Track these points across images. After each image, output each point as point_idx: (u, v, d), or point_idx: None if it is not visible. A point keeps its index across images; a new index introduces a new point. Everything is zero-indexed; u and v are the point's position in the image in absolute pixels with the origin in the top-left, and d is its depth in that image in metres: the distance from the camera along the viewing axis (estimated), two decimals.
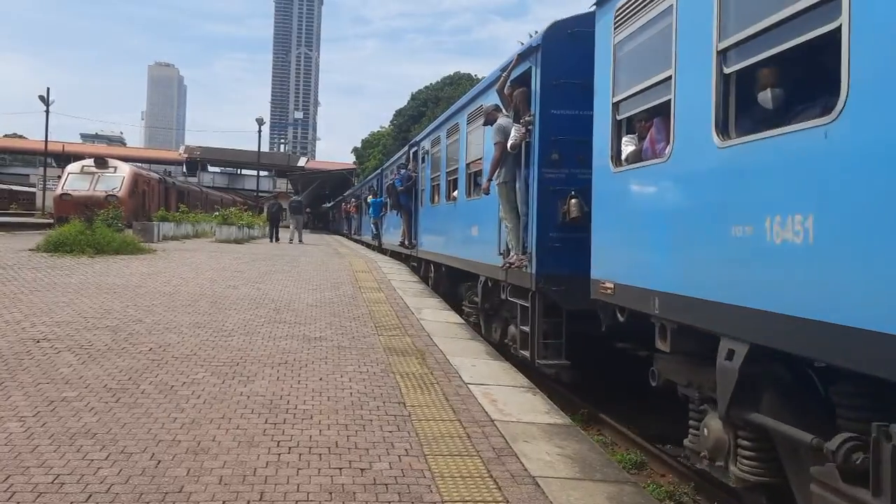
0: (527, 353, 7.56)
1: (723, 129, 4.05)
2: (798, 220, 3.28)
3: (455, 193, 11.66)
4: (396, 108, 79.33)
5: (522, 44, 8.68)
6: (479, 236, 9.79)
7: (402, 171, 17.60)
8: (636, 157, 5.36)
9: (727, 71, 4.02)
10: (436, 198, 13.80)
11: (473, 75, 69.45)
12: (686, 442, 4.82)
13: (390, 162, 23.59)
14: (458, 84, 68.09)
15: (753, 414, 3.87)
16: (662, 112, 4.95)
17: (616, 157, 5.65)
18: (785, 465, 3.87)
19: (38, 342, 6.41)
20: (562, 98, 7.21)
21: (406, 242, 17.08)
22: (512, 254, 7.85)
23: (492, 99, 8.83)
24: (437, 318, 9.66)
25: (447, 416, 4.94)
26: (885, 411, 3.02)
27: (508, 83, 8.07)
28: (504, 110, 8.27)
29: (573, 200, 7.03)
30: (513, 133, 7.58)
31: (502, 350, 8.55)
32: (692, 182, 4.49)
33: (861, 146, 2.95)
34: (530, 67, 7.65)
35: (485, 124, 8.69)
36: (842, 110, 3.04)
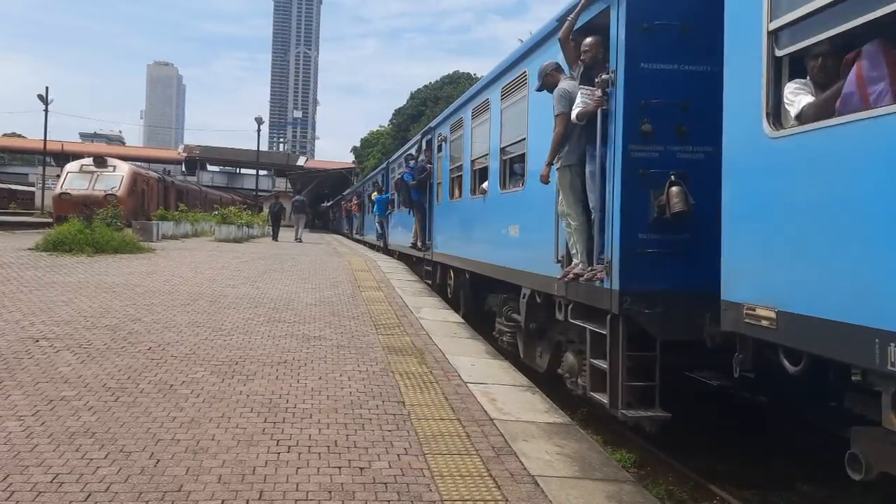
0: (601, 397, 5.56)
1: None
2: None
3: (485, 185, 9.69)
4: (396, 108, 79.37)
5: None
6: (522, 238, 7.87)
7: (414, 163, 15.49)
8: (818, 111, 3.58)
9: None
10: (456, 192, 11.79)
11: (473, 74, 69.45)
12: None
13: (398, 154, 21.31)
14: (457, 83, 68.08)
15: None
16: (888, 31, 3.23)
17: (774, 115, 3.82)
18: None
19: (37, 341, 6.41)
20: (656, 47, 5.25)
21: (418, 244, 15.14)
22: (576, 262, 5.95)
23: (537, 64, 6.85)
24: (436, 316, 9.66)
25: (446, 415, 4.94)
26: None
27: (573, 31, 6.04)
28: (567, 71, 6.30)
29: (674, 188, 5.07)
30: (579, 99, 5.66)
31: (550, 382, 7.20)
32: None
33: None
34: (607, 7, 5.62)
35: (540, 89, 6.54)
36: None
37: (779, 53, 3.77)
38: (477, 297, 10.77)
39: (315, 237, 35.47)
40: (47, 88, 45.95)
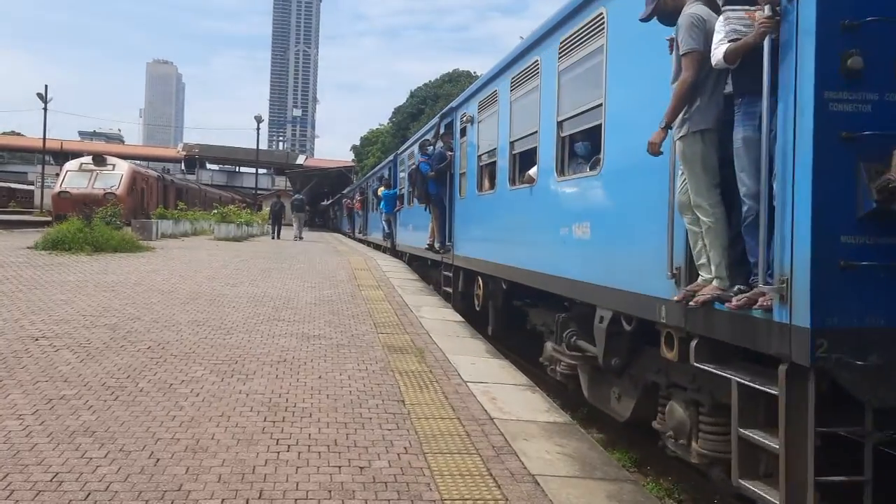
0: (764, 493, 3.57)
1: None
2: None
3: (532, 172, 7.52)
4: (395, 106, 79.35)
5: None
6: (597, 239, 5.78)
7: (432, 150, 13.23)
8: None
9: None
10: (487, 182, 9.71)
11: (473, 72, 69.33)
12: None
13: (410, 142, 18.78)
14: (456, 81, 67.95)
15: None
16: None
17: None
18: None
19: (36, 340, 6.40)
20: None
21: (435, 245, 12.78)
22: (708, 276, 4.02)
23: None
24: (436, 315, 9.65)
25: (446, 415, 4.94)
26: None
27: None
28: None
29: None
30: (726, 28, 3.74)
31: (632, 435, 6.20)
32: None
33: None
34: None
35: (648, 18, 4.38)
36: None
37: None
38: (513, 311, 9.06)
39: (314, 236, 35.45)
40: (46, 87, 45.94)
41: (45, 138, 48.76)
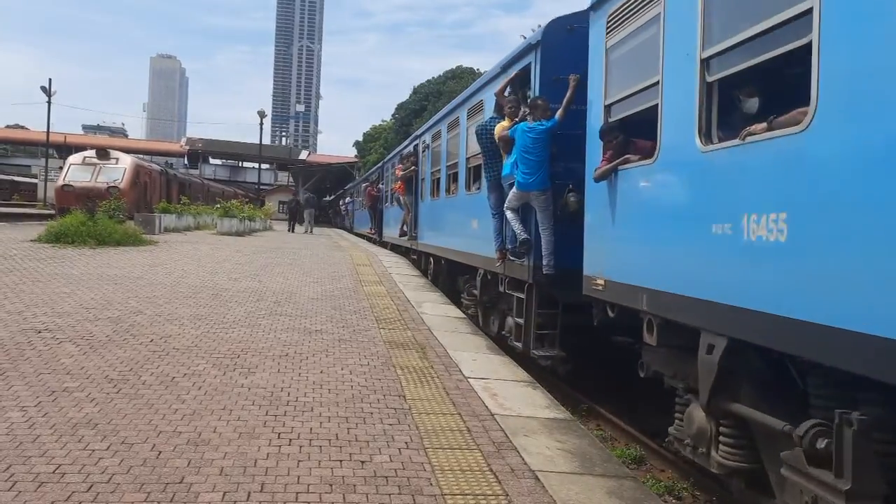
0: None
1: None
2: None
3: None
4: (398, 102, 79.30)
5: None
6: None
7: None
8: None
9: None
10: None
11: (475, 69, 69.18)
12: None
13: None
14: (459, 78, 67.79)
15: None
16: None
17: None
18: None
19: (39, 332, 6.42)
20: None
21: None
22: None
23: None
24: (437, 311, 9.66)
25: (447, 410, 4.95)
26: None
27: None
28: None
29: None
30: None
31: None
32: None
33: None
34: None
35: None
36: None
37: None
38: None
39: (317, 231, 35.48)
40: (50, 80, 45.97)
41: (48, 132, 48.79)
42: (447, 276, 13.04)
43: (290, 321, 7.87)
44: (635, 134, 5.41)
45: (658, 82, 4.80)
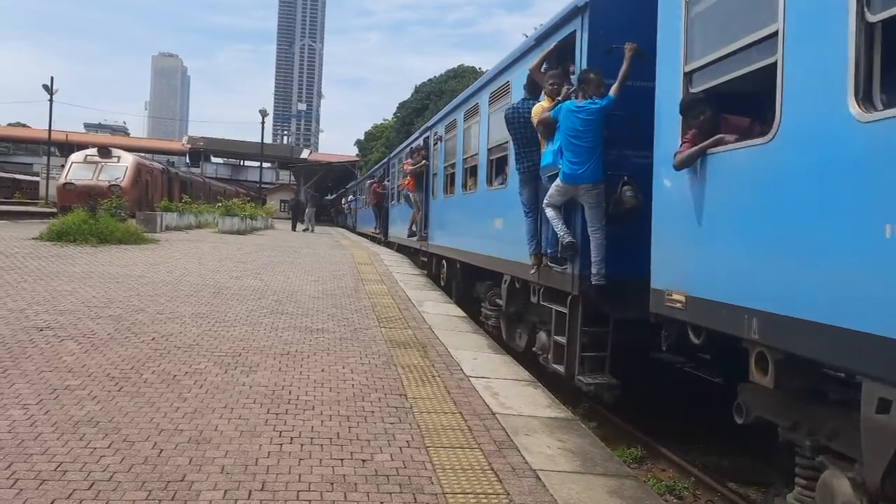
0: None
1: None
2: None
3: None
4: (400, 101, 79.27)
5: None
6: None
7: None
8: None
9: None
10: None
11: (477, 68, 69.15)
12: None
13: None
14: (461, 77, 67.80)
15: None
16: None
17: None
18: None
19: (41, 330, 6.42)
20: None
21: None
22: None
23: None
24: (438, 310, 9.66)
25: (448, 409, 4.95)
26: None
27: None
28: None
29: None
30: None
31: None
32: None
33: None
34: None
35: None
36: None
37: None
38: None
39: (318, 230, 35.50)
40: (52, 78, 46.01)
41: (50, 130, 48.84)
42: (462, 280, 11.79)
43: (291, 320, 7.88)
44: (724, 109, 4.46)
45: (777, 32, 3.67)
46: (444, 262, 13.28)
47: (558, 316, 6.64)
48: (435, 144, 13.93)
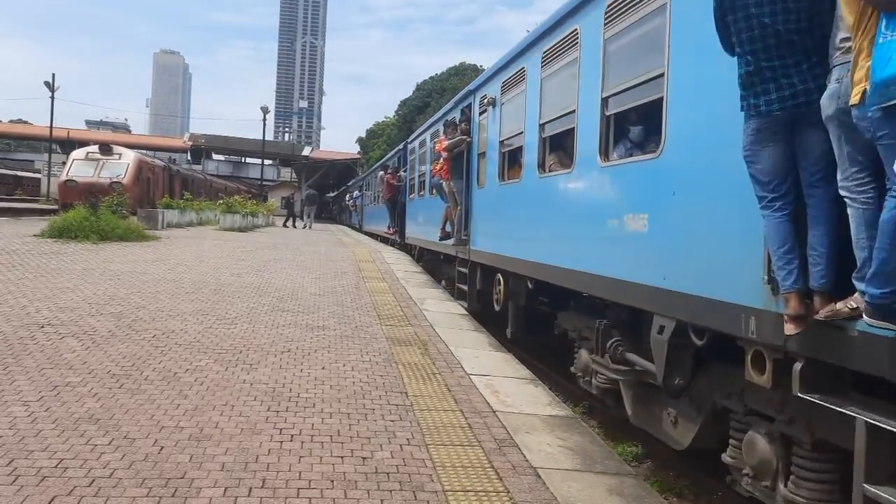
0: None
1: None
2: None
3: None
4: (402, 99, 79.31)
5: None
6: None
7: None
8: None
9: None
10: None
11: (479, 66, 69.13)
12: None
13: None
14: (463, 74, 67.78)
15: None
16: None
17: None
18: None
19: (42, 327, 6.43)
20: None
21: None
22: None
23: None
24: (439, 308, 9.66)
25: (449, 407, 4.95)
26: None
27: None
28: None
29: None
30: None
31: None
32: None
33: None
34: None
35: None
36: None
37: None
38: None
39: (319, 227, 35.52)
40: (54, 75, 46.09)
41: (51, 127, 48.87)
42: (526, 303, 8.48)
43: (292, 317, 7.88)
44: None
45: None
46: (499, 276, 9.31)
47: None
48: (483, 112, 10.04)
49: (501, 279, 9.22)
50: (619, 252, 5.28)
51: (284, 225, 33.30)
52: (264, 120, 45.79)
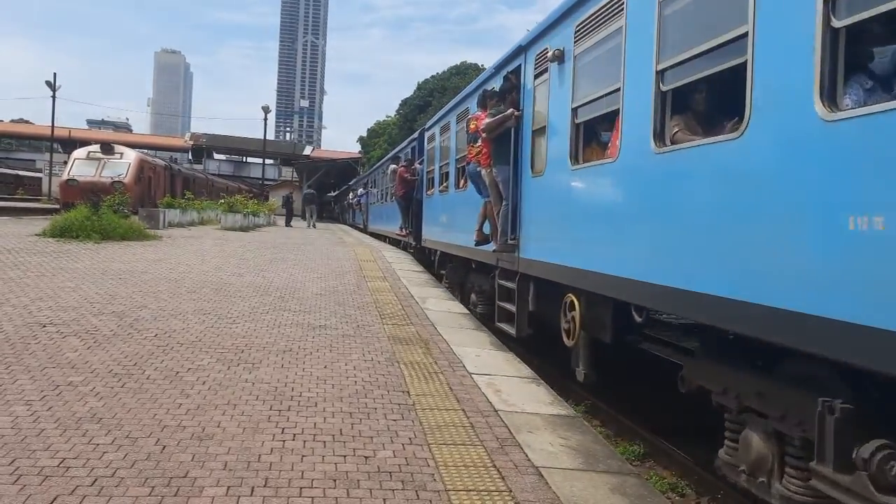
0: None
1: None
2: None
3: None
4: (403, 98, 79.30)
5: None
6: None
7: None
8: None
9: None
10: None
11: (480, 65, 69.13)
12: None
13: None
14: (464, 74, 67.78)
15: None
16: None
17: None
18: None
19: (44, 327, 6.43)
20: None
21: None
22: None
23: None
24: (441, 307, 9.66)
25: (451, 406, 4.95)
26: None
27: None
28: None
29: None
30: None
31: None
32: None
33: None
34: None
35: None
36: None
37: None
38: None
39: (321, 226, 35.55)
40: (55, 75, 46.14)
41: (53, 126, 48.93)
42: (616, 339, 6.08)
43: (293, 316, 7.88)
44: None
45: None
46: (570, 297, 6.68)
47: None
48: (540, 74, 7.49)
49: (575, 302, 6.56)
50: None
51: (287, 224, 33.45)
52: (265, 119, 45.83)
